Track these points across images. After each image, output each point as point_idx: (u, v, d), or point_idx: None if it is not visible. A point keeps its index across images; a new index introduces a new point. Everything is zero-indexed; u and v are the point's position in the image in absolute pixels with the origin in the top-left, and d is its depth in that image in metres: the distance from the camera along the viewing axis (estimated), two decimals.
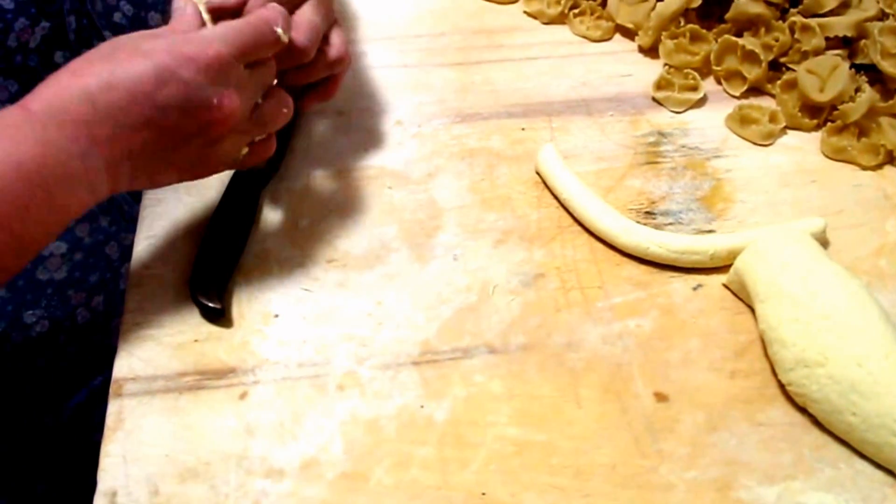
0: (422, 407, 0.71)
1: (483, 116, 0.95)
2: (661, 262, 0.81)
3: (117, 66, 0.63)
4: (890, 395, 0.67)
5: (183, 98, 0.65)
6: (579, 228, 0.84)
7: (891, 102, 0.94)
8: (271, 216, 0.85)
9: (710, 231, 0.85)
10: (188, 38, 0.67)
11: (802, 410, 0.72)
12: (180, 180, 0.72)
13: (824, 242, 0.82)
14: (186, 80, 0.64)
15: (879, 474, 0.69)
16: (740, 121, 0.94)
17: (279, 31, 0.70)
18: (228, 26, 0.69)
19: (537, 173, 0.89)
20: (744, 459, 0.69)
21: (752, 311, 0.77)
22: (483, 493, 0.67)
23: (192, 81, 0.65)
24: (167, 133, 0.66)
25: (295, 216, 0.85)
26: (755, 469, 0.69)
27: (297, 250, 0.82)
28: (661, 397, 0.72)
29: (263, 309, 0.78)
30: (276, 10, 0.71)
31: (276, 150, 0.82)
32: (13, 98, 0.72)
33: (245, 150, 0.74)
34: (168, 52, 0.65)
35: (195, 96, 0.65)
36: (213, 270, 0.78)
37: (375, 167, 0.90)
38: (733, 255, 0.79)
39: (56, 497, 0.86)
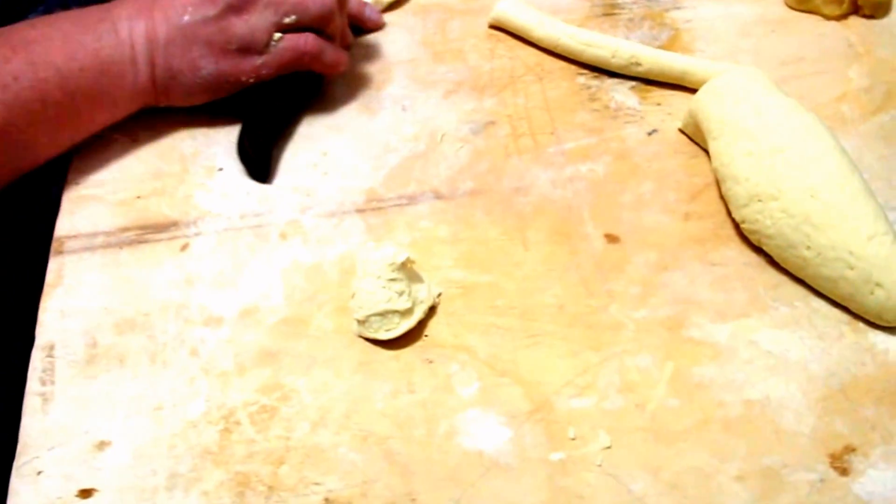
0: None
1: None
2: (658, 78, 0.78)
3: None
4: (845, 226, 0.61)
5: None
6: (532, 77, 0.78)
7: None
8: None
9: None
10: None
11: (758, 250, 0.66)
12: (217, 67, 0.69)
13: None
14: None
15: (836, 312, 0.63)
16: None
17: None
18: None
19: (492, 27, 0.82)
20: (696, 298, 0.63)
21: (708, 154, 0.70)
22: (426, 336, 0.61)
23: None
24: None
25: None
26: (707, 308, 0.63)
27: None
28: (611, 239, 0.67)
29: (208, 163, 0.72)
30: None
31: None
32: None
33: (278, 36, 0.69)
34: None
35: None
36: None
37: None
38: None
39: None
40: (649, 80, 0.77)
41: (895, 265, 0.60)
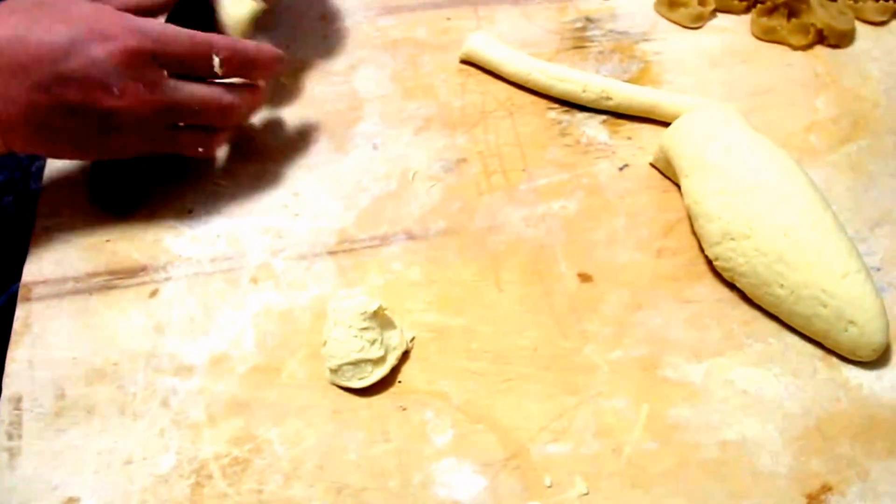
0: None
1: (408, 8, 0.85)
2: (629, 112, 0.75)
3: (35, 25, 0.57)
4: (818, 264, 0.59)
5: (84, 75, 0.58)
6: (503, 113, 0.75)
7: None
8: None
9: None
10: (119, 18, 0.60)
11: (731, 286, 0.64)
12: (78, 157, 0.65)
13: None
14: (94, 58, 0.58)
15: (809, 347, 0.61)
16: (669, 4, 0.85)
17: (216, 61, 0.63)
18: (167, 27, 0.62)
19: (463, 62, 0.80)
20: (670, 337, 0.61)
21: (680, 188, 0.68)
22: (399, 381, 0.59)
23: (99, 61, 0.58)
24: (64, 105, 0.59)
25: None
26: (682, 346, 0.61)
27: None
28: (585, 278, 0.64)
29: (177, 205, 0.69)
30: (227, 41, 0.64)
31: None
32: None
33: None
34: (90, 24, 0.58)
35: (98, 77, 0.58)
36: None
37: (296, 61, 0.80)
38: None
39: None
40: (620, 114, 0.75)
41: (868, 302, 0.59)
